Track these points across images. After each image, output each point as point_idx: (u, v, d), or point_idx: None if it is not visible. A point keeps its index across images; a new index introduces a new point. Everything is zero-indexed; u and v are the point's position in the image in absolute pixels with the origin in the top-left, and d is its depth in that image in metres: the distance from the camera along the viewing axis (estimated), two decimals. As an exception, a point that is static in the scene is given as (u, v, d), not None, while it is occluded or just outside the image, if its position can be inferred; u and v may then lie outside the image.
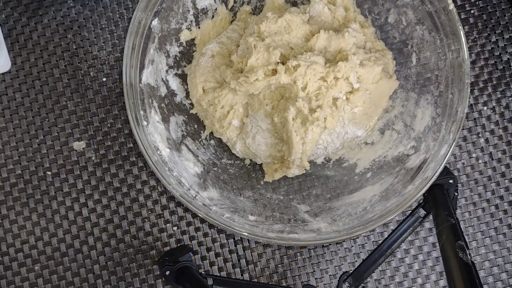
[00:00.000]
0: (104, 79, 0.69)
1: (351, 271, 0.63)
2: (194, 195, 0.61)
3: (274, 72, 0.61)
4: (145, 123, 0.61)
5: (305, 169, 0.65)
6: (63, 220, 0.67)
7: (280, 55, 0.62)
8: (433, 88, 0.63)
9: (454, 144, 0.59)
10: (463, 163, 0.71)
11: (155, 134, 0.62)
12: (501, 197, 0.70)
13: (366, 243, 0.69)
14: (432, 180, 0.59)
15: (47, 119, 0.68)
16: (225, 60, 0.67)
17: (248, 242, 0.69)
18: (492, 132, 0.71)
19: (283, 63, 0.62)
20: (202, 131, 0.68)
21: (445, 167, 0.62)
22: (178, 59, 0.67)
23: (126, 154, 0.69)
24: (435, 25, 0.62)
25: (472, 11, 0.72)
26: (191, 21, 0.67)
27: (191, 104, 0.68)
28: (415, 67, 0.65)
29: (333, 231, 0.60)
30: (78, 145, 0.68)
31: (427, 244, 0.69)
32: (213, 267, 0.68)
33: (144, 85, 0.62)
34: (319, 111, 0.61)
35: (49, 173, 0.68)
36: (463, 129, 0.71)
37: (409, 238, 0.69)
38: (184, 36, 0.67)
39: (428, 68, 0.64)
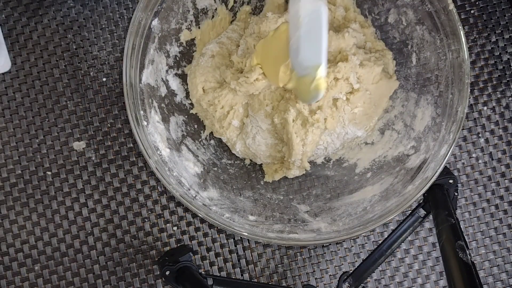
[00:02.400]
0: (104, 79, 0.69)
1: (351, 271, 0.63)
2: (194, 195, 0.61)
3: (274, 72, 0.61)
4: (145, 123, 0.61)
5: (305, 170, 0.65)
6: (63, 220, 0.67)
7: (280, 55, 0.62)
8: (433, 88, 0.63)
9: (454, 144, 0.59)
10: (463, 163, 0.71)
11: (155, 134, 0.62)
12: (501, 197, 0.70)
13: (366, 243, 0.69)
14: (432, 180, 0.59)
15: (47, 119, 0.68)
16: (225, 60, 0.66)
17: (248, 242, 0.69)
18: (492, 132, 0.71)
19: (283, 63, 0.62)
20: (202, 131, 0.68)
21: (445, 167, 0.62)
22: (178, 59, 0.67)
23: (126, 154, 0.69)
24: (435, 25, 0.62)
25: (472, 11, 0.72)
26: (191, 21, 0.67)
27: (191, 104, 0.68)
28: (415, 67, 0.65)
29: (333, 231, 0.60)
30: (78, 145, 0.68)
31: (427, 244, 0.69)
32: (213, 267, 0.68)
33: (144, 85, 0.62)
34: (319, 113, 0.61)
35: (49, 173, 0.68)
36: (463, 129, 0.71)
37: (409, 238, 0.69)
38: (184, 36, 0.67)
39: (428, 68, 0.64)
